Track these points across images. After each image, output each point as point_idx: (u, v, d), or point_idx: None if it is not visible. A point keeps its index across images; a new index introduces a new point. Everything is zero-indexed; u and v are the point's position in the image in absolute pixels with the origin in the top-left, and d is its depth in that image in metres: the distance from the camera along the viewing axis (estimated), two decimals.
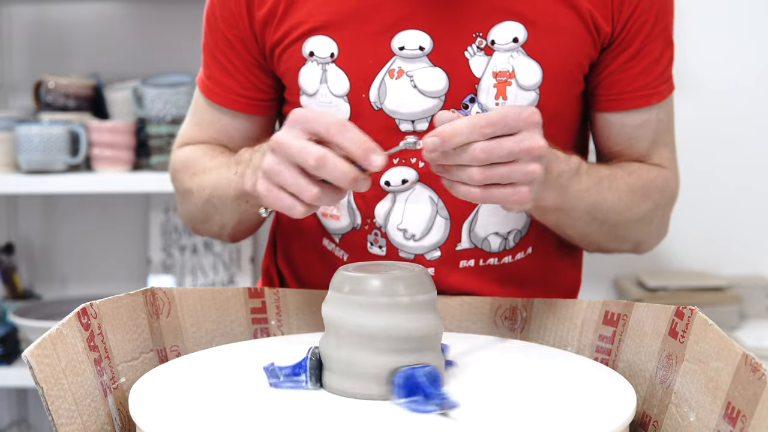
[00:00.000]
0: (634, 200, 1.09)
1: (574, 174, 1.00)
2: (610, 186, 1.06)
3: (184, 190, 1.17)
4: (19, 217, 2.32)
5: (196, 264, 2.20)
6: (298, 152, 0.86)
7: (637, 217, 1.10)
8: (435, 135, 0.85)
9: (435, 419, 0.74)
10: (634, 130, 1.12)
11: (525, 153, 0.86)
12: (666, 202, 1.15)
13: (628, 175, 1.09)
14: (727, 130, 2.14)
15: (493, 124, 0.85)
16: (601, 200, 1.04)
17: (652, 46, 1.08)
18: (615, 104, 1.11)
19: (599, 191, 1.04)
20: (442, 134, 0.85)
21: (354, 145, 0.84)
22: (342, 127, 0.85)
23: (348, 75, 1.06)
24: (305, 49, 1.07)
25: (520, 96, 1.05)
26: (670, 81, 1.13)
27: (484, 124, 0.85)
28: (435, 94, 1.05)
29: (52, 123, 1.98)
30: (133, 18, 2.25)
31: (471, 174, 0.86)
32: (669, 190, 1.15)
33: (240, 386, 0.81)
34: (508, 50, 1.04)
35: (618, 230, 1.10)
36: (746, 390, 0.69)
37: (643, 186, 1.10)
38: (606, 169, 1.07)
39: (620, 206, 1.07)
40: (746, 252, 2.17)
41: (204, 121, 1.18)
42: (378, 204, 1.09)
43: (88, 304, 0.84)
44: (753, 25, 2.14)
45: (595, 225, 1.07)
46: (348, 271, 0.82)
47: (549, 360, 0.90)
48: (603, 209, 1.05)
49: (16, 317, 2.03)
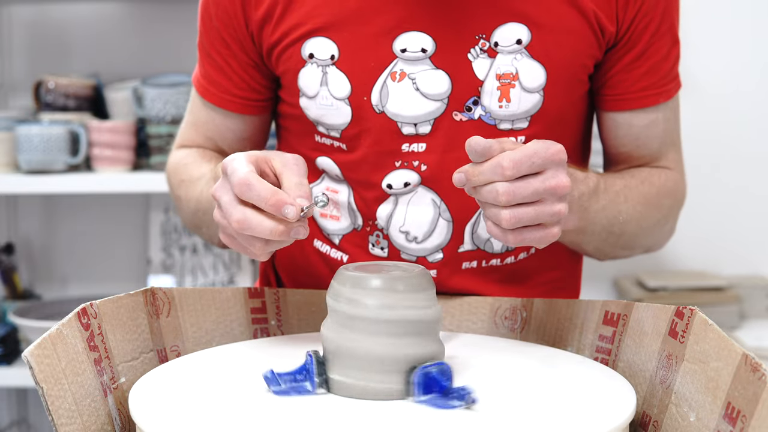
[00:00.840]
0: (648, 209, 1.09)
1: (593, 194, 1.00)
2: (626, 198, 1.06)
3: (175, 195, 1.19)
4: (19, 217, 2.32)
5: (196, 264, 2.20)
6: (223, 216, 0.88)
7: (652, 224, 1.11)
8: (461, 172, 0.87)
9: (437, 417, 0.74)
10: (642, 130, 1.12)
11: (550, 193, 0.85)
12: (677, 204, 1.15)
13: (641, 183, 1.09)
14: (727, 130, 2.14)
15: (518, 164, 0.84)
16: (617, 214, 1.04)
17: (659, 44, 1.08)
18: (622, 104, 1.10)
19: (616, 205, 1.04)
20: (467, 172, 0.86)
21: (262, 202, 0.84)
22: (245, 187, 0.85)
23: (349, 77, 1.05)
24: (304, 51, 1.06)
25: (524, 98, 1.04)
26: (677, 79, 1.12)
27: (508, 165, 0.84)
28: (437, 96, 1.04)
29: (52, 123, 1.98)
30: (133, 18, 2.25)
31: (500, 216, 0.85)
32: (679, 193, 1.15)
33: (240, 386, 0.81)
34: (512, 52, 1.03)
35: (634, 239, 1.10)
36: (746, 390, 0.69)
37: (657, 193, 1.10)
38: (620, 181, 1.07)
39: (636, 216, 1.07)
40: (746, 252, 2.17)
41: (199, 120, 1.18)
42: (380, 206, 1.09)
43: (88, 304, 0.84)
44: (754, 27, 2.14)
45: (612, 238, 1.07)
46: (349, 271, 0.82)
47: (549, 360, 0.90)
48: (619, 222, 1.05)
49: (16, 317, 2.03)
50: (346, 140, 1.08)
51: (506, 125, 1.05)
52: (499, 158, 0.84)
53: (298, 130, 1.12)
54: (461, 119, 1.05)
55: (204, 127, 1.17)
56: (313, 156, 1.11)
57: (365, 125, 1.06)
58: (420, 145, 1.06)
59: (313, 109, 1.07)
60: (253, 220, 0.85)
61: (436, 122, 1.05)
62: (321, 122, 1.08)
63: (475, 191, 0.87)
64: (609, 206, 1.03)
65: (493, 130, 1.05)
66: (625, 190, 1.06)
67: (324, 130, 1.09)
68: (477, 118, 1.04)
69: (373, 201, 1.09)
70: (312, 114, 1.08)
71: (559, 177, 0.86)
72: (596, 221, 1.02)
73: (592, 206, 1.00)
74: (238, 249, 0.91)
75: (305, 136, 1.11)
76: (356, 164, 1.08)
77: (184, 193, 1.14)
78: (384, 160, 1.06)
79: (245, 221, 0.85)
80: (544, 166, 0.85)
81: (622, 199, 1.05)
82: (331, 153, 1.10)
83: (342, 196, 1.11)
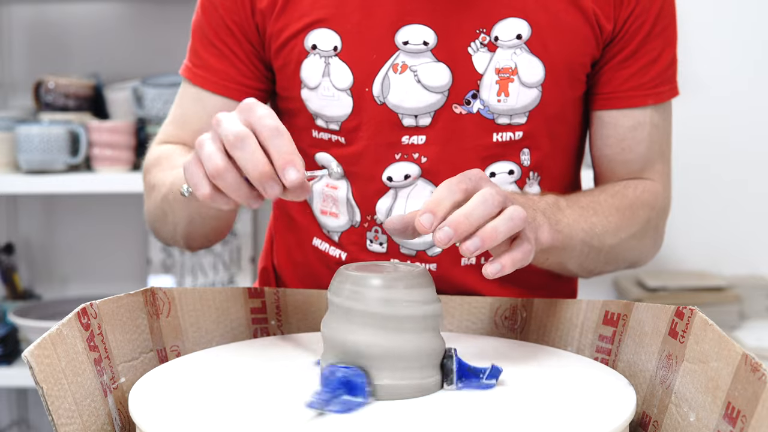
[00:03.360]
0: (623, 220, 1.07)
1: (555, 207, 0.99)
2: (596, 212, 1.05)
3: (150, 186, 1.13)
4: (19, 217, 2.32)
5: (196, 264, 2.20)
6: (207, 157, 0.81)
7: (630, 236, 1.09)
8: (426, 211, 0.80)
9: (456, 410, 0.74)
10: (627, 131, 1.11)
11: (498, 198, 0.81)
12: (657, 215, 1.13)
13: (612, 197, 1.08)
14: (727, 130, 2.15)
15: (459, 183, 0.81)
16: (591, 226, 1.03)
17: (651, 46, 1.08)
18: (610, 103, 1.10)
19: (587, 218, 1.03)
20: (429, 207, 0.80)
21: (278, 153, 0.79)
22: (275, 132, 0.79)
23: (351, 69, 1.05)
24: (307, 42, 1.06)
25: (523, 93, 1.05)
26: (671, 84, 1.12)
27: (455, 189, 0.81)
28: (438, 89, 1.05)
29: (52, 123, 1.98)
30: (133, 18, 2.25)
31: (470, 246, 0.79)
32: (658, 204, 1.13)
33: (240, 386, 0.81)
34: (512, 47, 1.04)
35: (615, 252, 1.08)
36: (746, 390, 0.69)
37: (631, 205, 1.09)
38: (586, 198, 1.06)
39: (612, 228, 1.06)
40: (746, 252, 2.17)
41: (188, 113, 1.14)
42: (379, 200, 1.09)
43: (88, 304, 0.84)
44: (754, 26, 2.14)
45: (593, 253, 1.05)
46: (349, 271, 0.82)
47: (549, 360, 0.90)
48: (597, 234, 1.03)
49: (16, 317, 2.03)
50: (346, 133, 1.08)
51: (504, 120, 1.06)
52: (434, 195, 0.80)
53: (294, 126, 1.12)
54: (461, 112, 1.05)
55: (194, 119, 1.13)
56: (311, 152, 1.11)
57: (366, 117, 1.06)
58: (420, 138, 1.06)
59: (314, 101, 1.08)
60: (228, 179, 0.79)
61: (437, 114, 1.05)
62: (321, 114, 1.08)
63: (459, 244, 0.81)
64: (580, 219, 1.01)
65: (491, 124, 1.06)
66: (593, 204, 1.05)
67: (323, 123, 1.09)
68: (475, 111, 1.05)
69: (372, 195, 1.09)
70: (313, 105, 1.08)
71: (493, 186, 0.83)
72: (573, 235, 1.00)
73: (561, 219, 0.98)
74: (189, 176, 0.82)
75: (302, 132, 1.11)
76: (356, 157, 1.08)
77: (160, 180, 1.08)
78: (384, 152, 1.07)
79: (223, 175, 0.79)
80: (476, 188, 0.83)
81: (591, 212, 1.04)
82: (330, 148, 1.10)
83: (341, 192, 1.11)
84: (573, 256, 1.03)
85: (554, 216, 0.97)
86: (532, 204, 0.95)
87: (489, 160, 1.07)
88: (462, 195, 0.81)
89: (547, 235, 0.94)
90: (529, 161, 1.09)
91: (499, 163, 1.08)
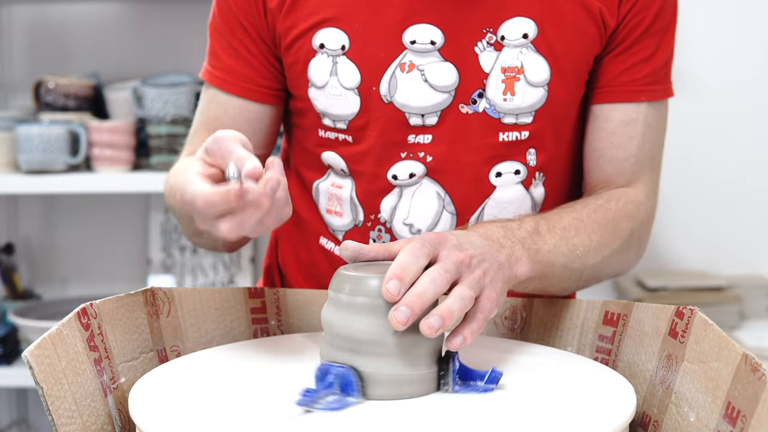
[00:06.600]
0: (605, 237, 1.05)
1: (535, 234, 0.97)
2: (578, 232, 1.02)
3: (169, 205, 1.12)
4: (19, 217, 2.32)
5: (196, 264, 2.20)
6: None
7: (612, 252, 1.07)
8: (393, 277, 0.78)
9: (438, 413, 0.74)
10: (618, 125, 1.10)
11: (440, 278, 0.79)
12: (640, 226, 1.11)
13: (595, 212, 1.05)
14: (727, 130, 2.14)
15: (424, 249, 0.80)
16: (573, 248, 1.00)
17: (647, 43, 1.08)
18: (602, 96, 1.10)
19: (568, 240, 1.00)
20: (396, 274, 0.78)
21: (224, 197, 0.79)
22: (203, 203, 0.80)
23: (359, 68, 1.06)
24: (315, 41, 1.07)
25: (529, 92, 1.05)
26: (665, 84, 1.12)
27: (418, 254, 0.79)
28: (445, 88, 1.05)
29: (52, 123, 1.98)
30: (133, 18, 2.25)
31: (433, 324, 0.77)
32: (641, 215, 1.11)
33: (240, 386, 0.81)
34: (518, 46, 1.04)
35: (597, 270, 1.06)
36: (746, 390, 0.69)
37: (614, 218, 1.07)
38: (568, 216, 1.03)
39: (594, 247, 1.03)
40: (746, 252, 2.17)
41: (210, 117, 1.14)
42: (384, 198, 1.09)
43: (88, 304, 0.84)
44: (755, 26, 2.14)
45: (575, 275, 1.03)
46: (347, 271, 0.81)
47: (549, 360, 0.90)
48: (578, 256, 1.01)
49: (16, 317, 2.03)
50: (353, 131, 1.08)
51: (510, 119, 1.06)
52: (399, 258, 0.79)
53: (302, 125, 1.12)
54: (467, 111, 1.06)
55: (216, 122, 1.13)
56: (318, 152, 1.11)
57: (373, 115, 1.06)
58: (426, 137, 1.06)
59: (322, 100, 1.08)
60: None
61: (443, 114, 1.06)
62: (328, 113, 1.08)
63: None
64: (561, 243, 0.99)
65: (498, 123, 1.06)
66: (575, 222, 1.02)
67: (330, 122, 1.09)
68: (482, 111, 1.06)
69: (377, 193, 1.09)
70: (320, 105, 1.08)
71: (450, 252, 0.81)
72: (554, 262, 0.98)
73: (542, 247, 0.96)
74: (237, 226, 0.82)
75: (310, 132, 1.11)
76: (362, 156, 1.08)
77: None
78: (390, 151, 1.07)
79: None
80: (436, 252, 0.81)
81: (573, 233, 1.01)
82: (336, 147, 1.10)
83: (345, 191, 1.11)
84: (554, 282, 1.01)
85: (534, 245, 0.95)
86: (510, 235, 0.93)
87: (495, 159, 1.07)
88: (425, 260, 0.80)
89: (526, 268, 0.93)
90: (535, 161, 1.09)
91: (505, 162, 1.08)
